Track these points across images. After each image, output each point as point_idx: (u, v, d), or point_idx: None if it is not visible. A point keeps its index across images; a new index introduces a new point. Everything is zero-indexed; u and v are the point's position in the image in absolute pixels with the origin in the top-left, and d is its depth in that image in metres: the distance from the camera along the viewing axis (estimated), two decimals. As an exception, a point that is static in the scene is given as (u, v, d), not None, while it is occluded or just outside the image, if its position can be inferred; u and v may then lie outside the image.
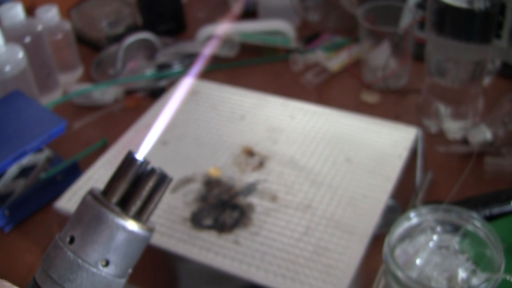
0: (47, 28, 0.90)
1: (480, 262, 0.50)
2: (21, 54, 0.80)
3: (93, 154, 0.78)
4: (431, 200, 0.65)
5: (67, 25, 0.93)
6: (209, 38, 0.97)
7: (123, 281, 0.35)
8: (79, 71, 0.98)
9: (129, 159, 0.34)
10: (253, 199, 0.60)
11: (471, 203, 0.62)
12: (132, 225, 0.33)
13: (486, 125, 0.71)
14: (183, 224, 0.59)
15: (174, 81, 0.92)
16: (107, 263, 0.33)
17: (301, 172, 0.63)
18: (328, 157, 0.65)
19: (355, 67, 0.91)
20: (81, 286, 0.33)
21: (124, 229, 0.33)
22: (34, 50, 0.86)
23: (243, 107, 0.74)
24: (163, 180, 0.34)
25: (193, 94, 0.77)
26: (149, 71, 0.94)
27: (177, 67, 0.95)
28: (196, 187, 0.63)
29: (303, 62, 0.93)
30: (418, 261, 0.50)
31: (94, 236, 0.33)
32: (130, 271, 0.35)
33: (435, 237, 0.52)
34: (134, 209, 0.34)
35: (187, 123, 0.72)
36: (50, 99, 0.90)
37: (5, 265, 0.67)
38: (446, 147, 0.74)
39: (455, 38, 0.68)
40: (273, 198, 0.60)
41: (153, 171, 0.34)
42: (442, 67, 0.72)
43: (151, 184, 0.34)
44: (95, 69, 0.98)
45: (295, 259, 0.54)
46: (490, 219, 0.61)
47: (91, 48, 1.05)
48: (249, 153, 0.67)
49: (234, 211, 0.59)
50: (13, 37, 0.83)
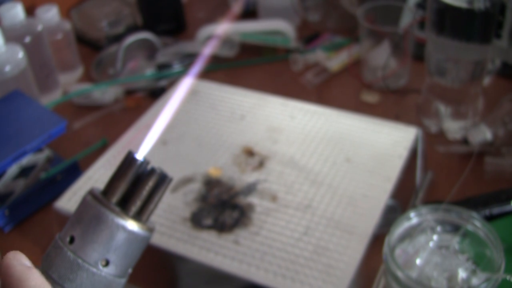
0: (47, 28, 0.90)
1: (480, 262, 0.50)
2: (21, 54, 0.80)
3: (93, 154, 0.78)
4: (431, 200, 0.65)
5: (67, 25, 0.93)
6: (209, 38, 0.97)
7: (123, 281, 0.35)
8: (79, 71, 0.98)
9: (129, 159, 0.34)
10: (253, 199, 0.60)
11: (471, 203, 0.62)
12: (132, 225, 0.33)
13: (486, 125, 0.71)
14: (183, 224, 0.59)
15: (174, 81, 0.92)
16: (107, 263, 0.33)
17: (301, 172, 0.63)
18: (328, 157, 0.65)
19: (355, 67, 0.91)
20: (81, 286, 0.33)
21: (124, 229, 0.33)
22: (34, 50, 0.86)
23: (243, 107, 0.74)
24: (163, 180, 0.34)
25: (193, 94, 0.77)
26: (149, 71, 0.94)
27: (177, 67, 0.95)
28: (196, 187, 0.63)
29: (303, 62, 0.93)
30: (418, 261, 0.50)
31: (94, 236, 0.33)
32: (130, 271, 0.35)
33: (435, 237, 0.52)
34: (134, 209, 0.34)
35: (187, 123, 0.72)
36: (50, 99, 0.90)
37: (5, 265, 0.67)
38: (446, 147, 0.74)
39: (455, 38, 0.68)
40: (273, 198, 0.60)
41: (153, 171, 0.34)
42: (442, 67, 0.72)
43: (151, 184, 0.34)
44: (95, 69, 0.98)
45: (295, 259, 0.54)
46: (490, 219, 0.61)
47: (91, 48, 1.05)
48: (249, 153, 0.67)
49: (234, 211, 0.59)
50: (13, 37, 0.83)
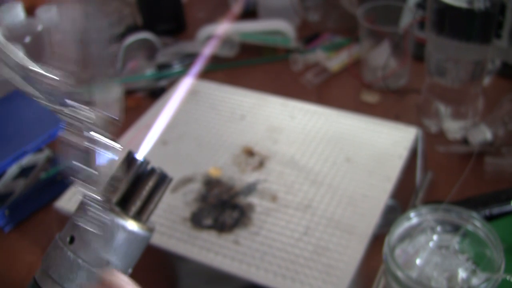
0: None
1: (480, 262, 0.50)
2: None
3: (93, 154, 0.78)
4: (431, 200, 0.65)
5: (67, 25, 0.93)
6: (209, 38, 0.97)
7: (123, 281, 0.35)
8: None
9: (129, 159, 0.34)
10: (253, 199, 0.60)
11: (471, 203, 0.62)
12: (132, 225, 0.33)
13: (486, 125, 0.71)
14: (183, 224, 0.59)
15: (174, 81, 0.92)
16: (107, 263, 0.33)
17: (301, 172, 0.63)
18: (328, 157, 0.65)
19: (355, 67, 0.91)
20: (81, 286, 0.33)
21: (124, 229, 0.33)
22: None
23: (243, 107, 0.74)
24: (163, 180, 0.35)
25: (193, 94, 0.77)
26: (149, 71, 0.94)
27: (177, 67, 0.95)
28: (196, 187, 0.63)
29: (303, 62, 0.93)
30: (418, 261, 0.50)
31: (94, 236, 0.33)
32: (130, 271, 0.35)
33: (435, 237, 0.52)
34: (134, 209, 0.34)
35: (187, 123, 0.72)
36: (50, 99, 0.90)
37: (5, 265, 0.67)
38: (446, 147, 0.74)
39: (455, 38, 0.68)
40: (273, 198, 0.60)
41: (153, 171, 0.34)
42: (442, 67, 0.72)
43: (151, 184, 0.34)
44: (95, 69, 0.98)
45: (295, 259, 0.54)
46: (490, 219, 0.61)
47: (91, 48, 1.05)
48: (249, 153, 0.66)
49: (234, 211, 0.59)
50: (13, 37, 0.83)
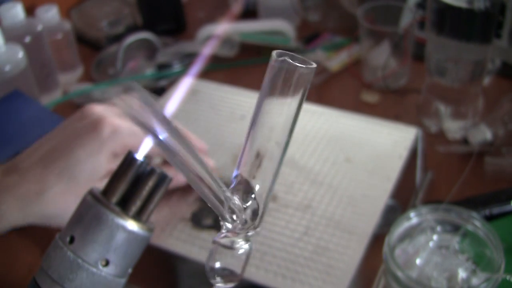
0: (47, 28, 0.90)
1: (480, 262, 0.50)
2: (21, 54, 0.80)
3: (93, 154, 0.78)
4: (431, 200, 0.65)
5: (67, 25, 0.93)
6: (209, 38, 0.97)
7: (123, 281, 0.35)
8: (79, 71, 0.98)
9: (129, 159, 0.34)
10: (253, 199, 0.60)
11: (471, 203, 0.62)
12: (132, 225, 0.33)
13: (486, 125, 0.71)
14: (183, 224, 0.59)
15: (174, 81, 0.92)
16: (107, 263, 0.33)
17: (301, 172, 0.63)
18: (328, 157, 0.65)
19: (355, 67, 0.91)
20: (81, 286, 0.33)
21: (124, 229, 0.33)
22: (34, 50, 0.86)
23: (243, 107, 0.74)
24: (163, 180, 0.34)
25: (193, 94, 0.77)
26: (149, 71, 0.94)
27: (177, 67, 0.95)
28: (196, 187, 0.63)
29: (303, 62, 0.93)
30: (418, 261, 0.50)
31: (94, 236, 0.33)
32: (130, 271, 0.35)
33: (435, 237, 0.52)
34: (134, 209, 0.34)
35: (187, 123, 0.72)
36: (50, 99, 0.90)
37: (5, 265, 0.67)
38: (446, 147, 0.74)
39: (455, 38, 0.68)
40: (273, 198, 0.60)
41: (153, 171, 0.34)
42: (442, 67, 0.72)
43: (151, 184, 0.34)
44: (95, 69, 0.98)
45: (295, 259, 0.54)
46: (490, 219, 0.61)
47: (91, 48, 1.05)
48: (249, 153, 0.66)
49: (234, 211, 0.59)
50: (13, 37, 0.83)
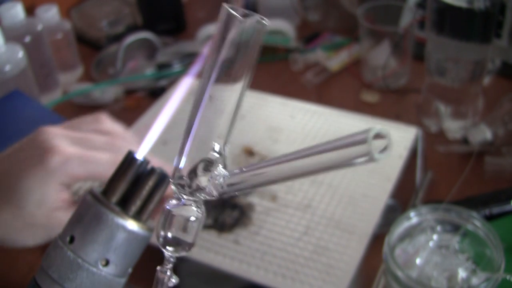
0: (47, 27, 0.90)
1: (480, 261, 0.50)
2: (21, 53, 0.80)
3: (93, 153, 0.78)
4: (431, 199, 0.65)
5: (67, 25, 0.93)
6: (209, 38, 0.97)
7: (123, 280, 0.35)
8: (79, 71, 0.98)
9: (129, 159, 0.34)
10: (253, 199, 0.60)
11: (471, 202, 0.62)
12: (132, 225, 0.33)
13: (486, 124, 0.71)
14: (183, 223, 0.59)
15: (174, 80, 0.92)
16: (107, 263, 0.33)
17: (301, 171, 0.63)
18: (328, 156, 0.65)
19: (355, 66, 0.91)
20: (81, 285, 0.33)
21: (124, 228, 0.33)
22: (34, 49, 0.86)
23: (243, 107, 0.74)
24: (163, 180, 0.34)
25: (193, 94, 0.77)
26: (149, 71, 0.94)
27: (177, 67, 0.95)
28: (196, 187, 0.63)
29: (303, 61, 0.93)
30: (418, 261, 0.50)
31: (94, 235, 0.33)
32: (130, 270, 0.35)
33: (435, 237, 0.52)
34: (134, 208, 0.34)
35: (187, 122, 0.72)
36: (50, 99, 0.90)
37: (5, 265, 0.67)
38: (446, 147, 0.74)
39: (455, 37, 0.68)
40: (273, 197, 0.60)
41: (153, 170, 0.34)
42: (442, 66, 0.72)
43: (151, 183, 0.34)
44: (95, 69, 0.98)
45: (295, 259, 0.54)
46: (490, 218, 0.61)
47: (91, 47, 1.05)
48: (249, 153, 0.66)
49: (234, 211, 0.59)
50: (13, 36, 0.83)
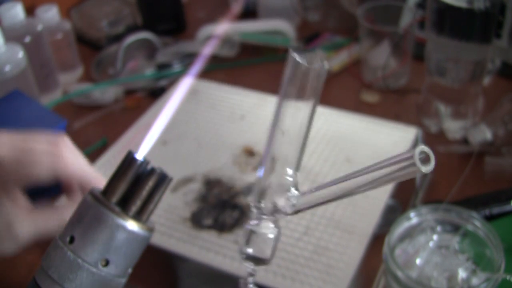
0: (47, 28, 0.90)
1: (480, 262, 0.50)
2: (21, 54, 0.80)
3: (93, 154, 0.78)
4: (431, 200, 0.65)
5: (67, 25, 0.93)
6: (209, 38, 0.97)
7: (123, 280, 0.35)
8: (79, 71, 0.98)
9: (129, 159, 0.34)
10: (253, 199, 0.60)
11: (471, 203, 0.62)
12: (132, 225, 0.33)
13: (486, 124, 0.71)
14: (183, 224, 0.59)
15: (174, 81, 0.92)
16: (107, 263, 0.33)
17: (301, 172, 0.63)
18: (328, 157, 0.65)
19: (355, 66, 0.91)
20: (81, 285, 0.33)
21: (124, 229, 0.33)
22: (34, 50, 0.86)
23: (243, 107, 0.74)
24: (163, 180, 0.34)
25: (193, 93, 0.77)
26: (149, 71, 0.94)
27: (177, 67, 0.95)
28: (196, 187, 0.63)
29: (303, 62, 0.93)
30: (418, 261, 0.50)
31: (94, 236, 0.33)
32: (130, 270, 0.35)
33: (435, 237, 0.52)
34: (134, 209, 0.34)
35: (187, 123, 0.72)
36: (50, 99, 0.90)
37: (5, 265, 0.67)
38: (446, 147, 0.74)
39: (455, 37, 0.68)
40: (273, 198, 0.60)
41: (153, 171, 0.34)
42: (442, 66, 0.72)
43: (151, 184, 0.34)
44: (95, 69, 0.98)
45: (295, 259, 0.54)
46: (490, 219, 0.61)
47: (91, 48, 1.05)
48: (249, 153, 0.67)
49: (234, 211, 0.59)
50: (13, 37, 0.83)
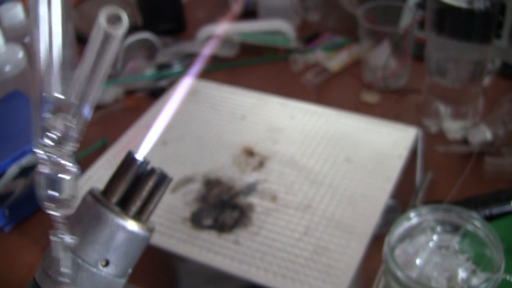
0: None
1: (480, 262, 0.50)
2: (21, 54, 0.80)
3: (93, 154, 0.78)
4: (431, 200, 0.65)
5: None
6: (209, 38, 0.97)
7: (123, 281, 0.35)
8: (79, 71, 0.98)
9: (129, 159, 0.34)
10: (253, 199, 0.60)
11: (471, 203, 0.62)
12: (132, 225, 0.33)
13: (486, 125, 0.71)
14: (183, 224, 0.59)
15: (174, 81, 0.92)
16: (107, 263, 0.33)
17: (301, 172, 0.63)
18: (328, 157, 0.65)
19: (355, 67, 0.91)
20: (81, 286, 0.33)
21: (124, 229, 0.33)
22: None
23: (243, 107, 0.74)
24: (163, 180, 0.35)
25: (193, 94, 0.77)
26: (149, 71, 0.94)
27: (177, 67, 0.95)
28: (196, 187, 0.63)
29: (303, 62, 0.93)
30: (418, 261, 0.50)
31: (94, 236, 0.33)
32: (130, 271, 0.35)
33: (435, 237, 0.52)
34: (134, 209, 0.34)
35: (187, 123, 0.72)
36: (50, 99, 0.90)
37: (5, 265, 0.67)
38: (446, 147, 0.74)
39: (455, 38, 0.68)
40: (273, 198, 0.60)
41: (153, 171, 0.34)
42: (442, 67, 0.72)
43: (151, 184, 0.34)
44: (95, 69, 0.98)
45: (295, 259, 0.54)
46: (490, 219, 0.61)
47: (91, 48, 1.05)
48: (249, 153, 0.66)
49: (234, 211, 0.59)
50: (13, 37, 0.83)
